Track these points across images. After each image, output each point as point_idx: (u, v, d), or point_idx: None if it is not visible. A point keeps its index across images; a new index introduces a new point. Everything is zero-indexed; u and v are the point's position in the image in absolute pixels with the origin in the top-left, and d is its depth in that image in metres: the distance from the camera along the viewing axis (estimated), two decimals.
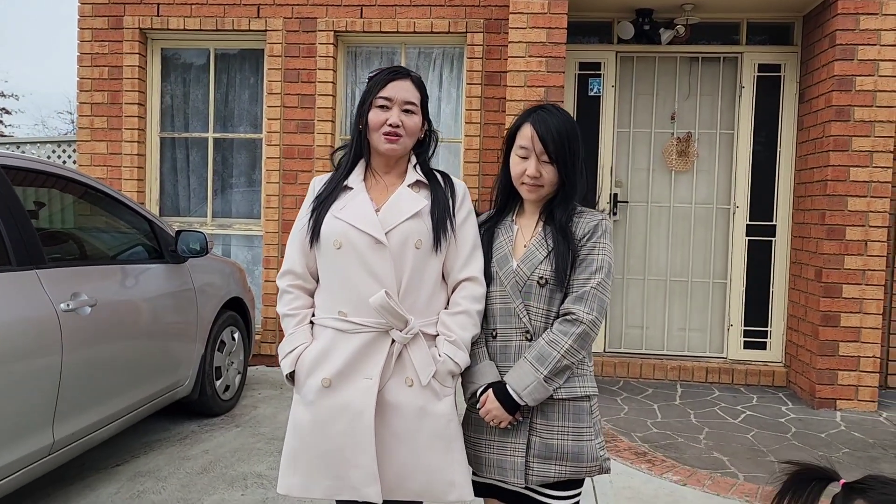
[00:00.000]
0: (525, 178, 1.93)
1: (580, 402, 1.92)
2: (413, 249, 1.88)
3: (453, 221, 1.95)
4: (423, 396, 1.88)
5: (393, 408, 1.87)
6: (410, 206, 1.91)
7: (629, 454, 3.88)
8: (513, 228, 2.01)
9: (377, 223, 1.87)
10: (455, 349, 1.90)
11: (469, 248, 1.97)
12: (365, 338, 1.86)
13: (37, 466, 2.85)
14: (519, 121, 1.98)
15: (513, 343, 1.93)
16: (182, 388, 4.07)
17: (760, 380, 5.35)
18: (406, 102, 1.93)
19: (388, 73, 1.94)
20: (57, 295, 2.93)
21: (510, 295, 1.93)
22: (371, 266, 1.86)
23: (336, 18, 5.68)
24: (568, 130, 1.92)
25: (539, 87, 4.83)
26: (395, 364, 1.88)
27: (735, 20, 5.47)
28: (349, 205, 1.92)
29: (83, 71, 5.94)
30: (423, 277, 1.91)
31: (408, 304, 1.88)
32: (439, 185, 1.99)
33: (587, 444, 1.91)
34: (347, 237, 1.87)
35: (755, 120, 5.45)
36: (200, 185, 6.16)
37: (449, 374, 1.91)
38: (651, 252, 5.64)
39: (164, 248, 3.95)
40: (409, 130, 1.94)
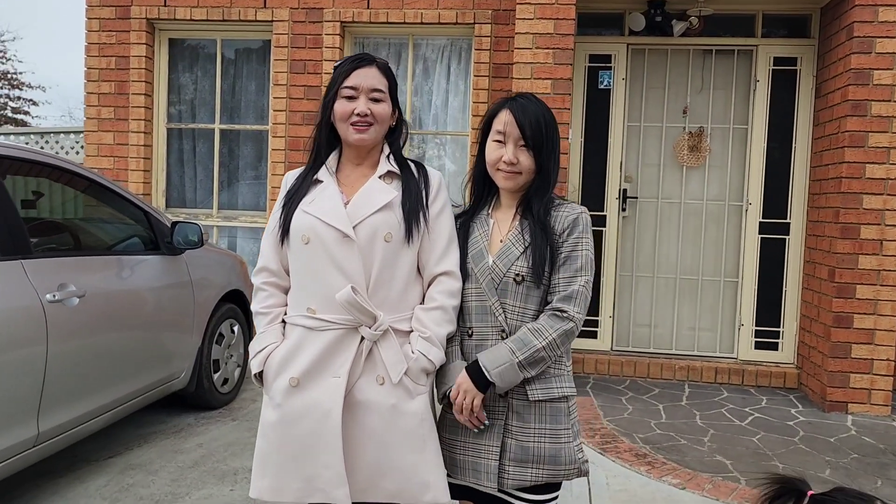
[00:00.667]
0: (501, 165, 1.86)
1: (557, 403, 1.85)
2: (382, 243, 1.81)
3: (426, 213, 1.88)
4: (395, 395, 1.81)
5: (364, 407, 1.81)
6: (380, 197, 1.84)
7: (629, 455, 3.79)
8: (489, 223, 1.93)
9: (345, 216, 1.81)
10: (429, 346, 1.83)
11: (445, 242, 1.90)
12: (333, 335, 1.80)
13: (21, 458, 2.83)
14: (496, 107, 1.91)
15: (488, 342, 1.86)
16: (178, 381, 4.04)
17: (771, 381, 5.22)
18: (373, 90, 1.86)
19: (352, 62, 1.87)
20: (42, 285, 2.90)
21: (486, 292, 1.85)
22: (339, 261, 1.80)
23: (343, 9, 5.61)
24: (546, 118, 1.86)
25: (546, 79, 4.73)
26: (366, 362, 1.82)
27: (750, 12, 5.32)
28: (318, 198, 1.86)
29: (90, 61, 5.94)
30: (395, 272, 1.84)
31: (378, 300, 1.82)
32: (412, 175, 1.92)
33: (565, 446, 1.84)
34: (315, 231, 1.82)
35: (770, 115, 5.30)
36: (207, 176, 6.13)
37: (422, 372, 1.84)
38: (661, 249, 5.51)
39: (160, 240, 3.92)
40: (378, 118, 1.87)
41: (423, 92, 5.82)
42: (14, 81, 21.45)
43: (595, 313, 5.52)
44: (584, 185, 5.47)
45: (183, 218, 5.91)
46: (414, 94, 5.81)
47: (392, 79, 1.93)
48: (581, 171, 5.46)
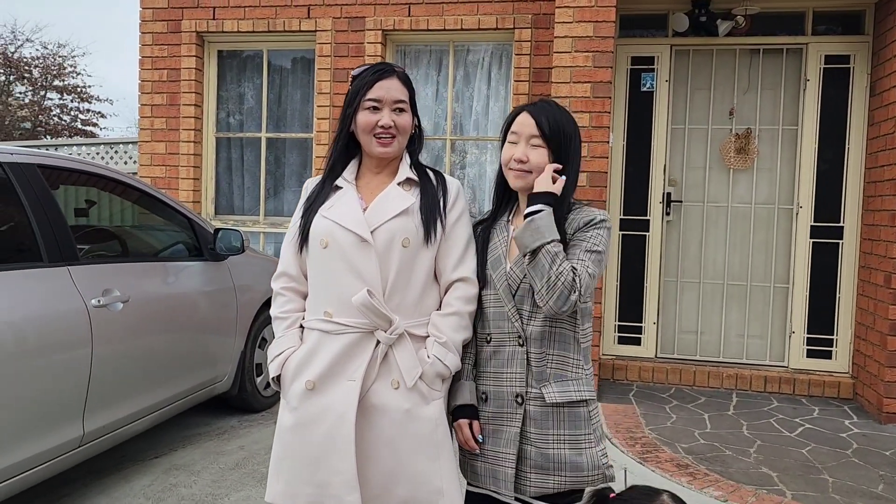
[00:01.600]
0: (511, 163, 1.85)
1: (576, 408, 1.82)
2: (400, 248, 1.82)
3: (444, 219, 1.89)
4: (410, 399, 1.82)
5: (378, 411, 1.82)
6: (398, 203, 1.86)
7: (670, 466, 3.70)
8: (508, 229, 1.93)
9: (363, 221, 1.83)
10: (445, 351, 1.84)
11: (462, 248, 1.90)
12: (349, 339, 1.82)
13: (66, 458, 2.93)
14: (515, 111, 1.92)
15: (506, 348, 1.85)
16: (221, 385, 4.13)
17: (824, 391, 5.03)
18: (396, 101, 1.88)
19: (375, 73, 1.88)
20: (88, 291, 3.01)
21: (503, 298, 1.85)
22: (356, 265, 1.81)
23: (384, 17, 5.67)
24: (564, 120, 1.85)
25: (586, 82, 4.68)
26: (381, 366, 1.82)
27: (800, 9, 5.16)
28: (337, 204, 1.88)
29: (144, 74, 6.15)
30: (411, 277, 1.85)
31: (394, 304, 1.83)
32: (430, 182, 1.93)
33: (586, 451, 1.82)
34: (333, 236, 1.84)
35: (821, 115, 5.12)
36: (254, 184, 6.27)
37: (437, 377, 1.84)
38: (707, 254, 5.39)
39: (204, 247, 4.02)
40: (401, 129, 1.89)
41: (464, 98, 5.84)
42: (83, 95, 22.36)
43: (639, 319, 5.43)
44: (627, 188, 5.39)
45: (231, 224, 6.07)
46: (455, 100, 5.83)
47: (412, 88, 1.95)
48: (623, 174, 5.38)
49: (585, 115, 4.63)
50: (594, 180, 4.63)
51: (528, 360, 1.82)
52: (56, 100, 22.19)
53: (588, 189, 4.61)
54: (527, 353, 1.82)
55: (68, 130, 22.16)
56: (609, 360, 5.32)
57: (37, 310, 2.75)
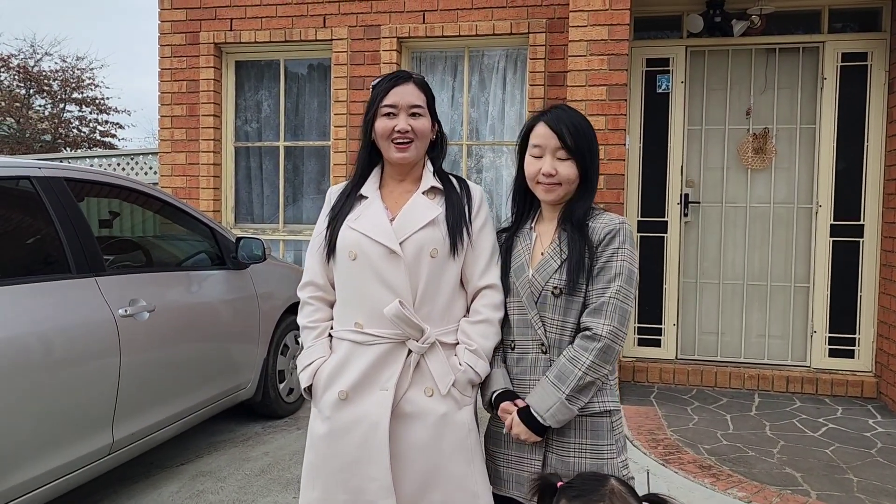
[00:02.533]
0: (540, 177, 1.86)
1: (599, 418, 1.83)
2: (428, 258, 1.85)
3: (470, 228, 1.91)
4: (444, 405, 1.85)
5: (412, 418, 1.84)
6: (425, 214, 1.88)
7: (693, 467, 3.70)
8: (531, 236, 1.94)
9: (391, 233, 1.85)
10: (476, 358, 1.86)
11: (488, 255, 1.93)
12: (381, 349, 1.84)
13: (97, 465, 2.99)
14: (531, 121, 1.93)
15: (529, 355, 1.87)
16: (244, 391, 4.18)
17: (848, 390, 5.00)
18: (412, 106, 1.90)
19: (390, 80, 1.92)
20: (115, 301, 3.07)
21: (526, 305, 1.87)
22: (385, 276, 1.84)
23: (399, 25, 5.72)
24: (584, 126, 1.86)
25: (601, 85, 4.69)
26: (414, 374, 1.85)
27: (815, 7, 5.14)
28: (364, 214, 1.90)
29: (163, 86, 6.24)
30: (440, 286, 1.88)
31: (424, 314, 1.85)
32: (454, 190, 1.95)
33: (608, 462, 1.82)
34: (362, 248, 1.86)
35: (839, 113, 5.10)
36: (273, 192, 6.34)
37: (469, 384, 1.88)
38: (726, 255, 5.37)
39: (226, 255, 4.08)
40: (419, 133, 1.91)
41: (480, 103, 5.87)
42: (102, 106, 22.64)
43: (658, 321, 5.42)
44: (644, 190, 5.39)
45: (251, 233, 6.14)
46: (471, 105, 5.86)
47: (430, 93, 1.96)
48: (640, 176, 5.39)
49: (601, 118, 4.64)
50: (611, 183, 4.63)
51: (550, 367, 1.83)
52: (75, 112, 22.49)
53: (605, 191, 4.62)
54: (550, 361, 1.84)
55: (88, 142, 22.44)
56: (629, 362, 5.31)
57: (66, 320, 2.81)
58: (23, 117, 20.44)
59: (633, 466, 3.65)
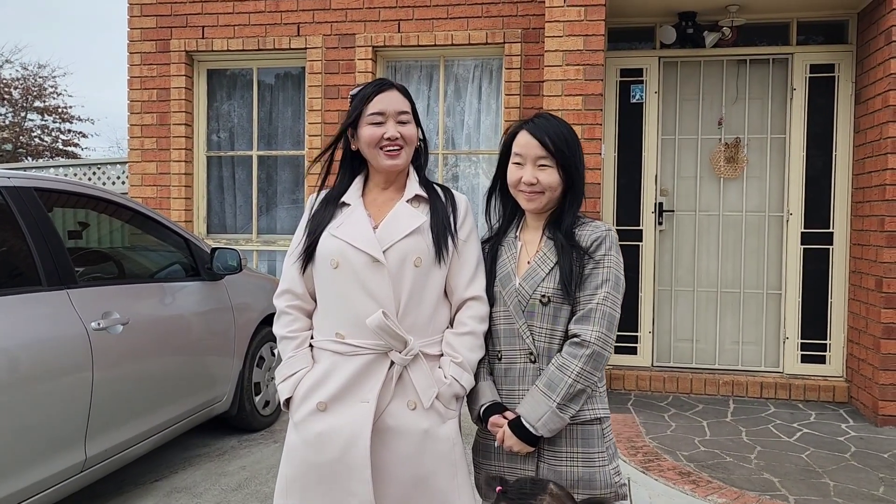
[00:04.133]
0: (522, 186, 1.86)
1: (590, 426, 1.82)
2: (412, 268, 1.81)
3: (455, 237, 1.88)
4: (427, 419, 1.81)
5: (395, 432, 1.80)
6: (409, 222, 1.84)
7: (672, 474, 3.71)
8: (516, 245, 1.93)
9: (375, 241, 1.81)
10: (461, 371, 1.83)
11: (473, 266, 1.90)
12: (363, 360, 1.80)
13: (69, 483, 2.90)
14: (513, 129, 1.91)
15: (517, 365, 1.85)
16: (220, 405, 4.10)
17: (820, 395, 5.08)
18: (399, 112, 1.87)
19: (375, 87, 1.89)
20: (87, 314, 2.98)
21: (513, 315, 1.85)
22: (369, 286, 1.79)
23: (374, 34, 5.70)
24: (566, 134, 1.85)
25: (577, 95, 4.72)
26: (396, 386, 1.81)
27: (784, 20, 5.25)
28: (346, 222, 1.86)
29: (133, 94, 6.13)
30: (424, 296, 1.84)
31: (407, 324, 1.81)
32: (439, 199, 1.92)
33: (600, 469, 1.81)
34: (345, 256, 1.81)
35: (808, 123, 5.20)
36: (246, 202, 6.26)
37: (453, 397, 1.84)
38: (700, 262, 5.43)
39: (201, 266, 4.00)
40: (407, 140, 1.88)
41: (456, 112, 5.87)
42: (64, 115, 22.21)
43: (634, 328, 5.46)
44: (619, 199, 5.44)
45: (224, 243, 6.04)
46: (446, 114, 5.86)
47: (412, 101, 1.94)
48: (615, 185, 5.43)
49: (578, 128, 4.66)
50: (587, 191, 4.66)
51: (539, 376, 1.82)
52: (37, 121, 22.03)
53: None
54: (539, 370, 1.82)
55: (50, 151, 21.99)
56: (607, 370, 5.30)
57: (37, 334, 2.73)
58: None
59: None
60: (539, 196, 1.86)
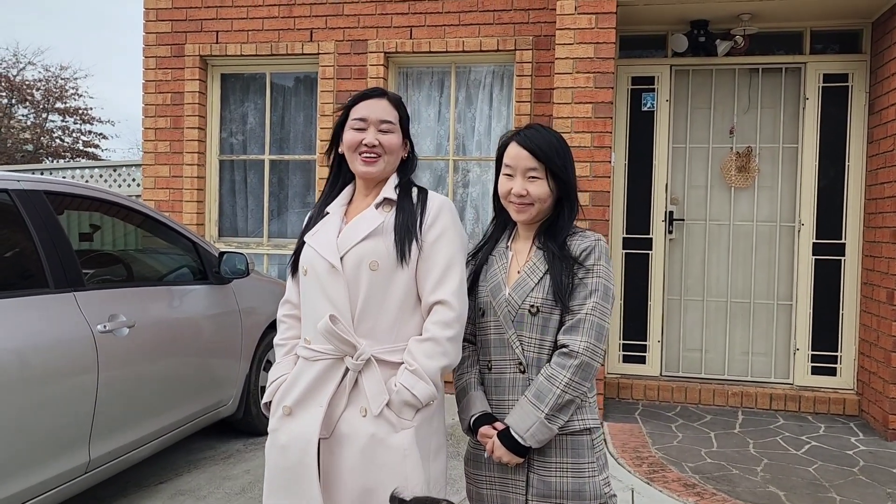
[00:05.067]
0: (512, 197, 1.86)
1: (579, 437, 1.82)
2: (367, 271, 1.80)
3: (418, 238, 1.83)
4: (376, 426, 1.78)
5: (346, 438, 1.80)
6: (366, 225, 1.84)
7: (677, 486, 3.69)
8: (507, 255, 1.93)
9: (334, 247, 1.83)
10: (415, 380, 1.77)
11: (440, 269, 1.83)
12: (322, 365, 1.82)
13: (73, 484, 2.93)
14: (504, 140, 1.92)
15: (507, 375, 1.85)
16: (226, 408, 4.13)
17: (830, 408, 5.02)
18: (382, 121, 1.88)
19: (362, 95, 1.92)
20: (94, 316, 3.02)
21: (503, 325, 1.85)
22: (328, 291, 1.82)
23: (386, 40, 5.72)
24: (557, 145, 1.85)
25: (587, 103, 4.71)
26: (353, 393, 1.81)
27: (797, 29, 5.21)
28: (320, 230, 1.89)
29: (148, 98, 6.19)
30: (384, 301, 1.81)
31: (364, 330, 1.80)
32: (410, 201, 1.88)
33: (589, 480, 1.81)
34: (311, 263, 1.86)
35: (821, 133, 5.16)
36: (257, 206, 6.30)
37: (406, 406, 1.78)
38: (710, 272, 5.40)
39: (209, 270, 4.03)
40: (387, 148, 1.88)
41: (467, 118, 5.88)
42: (85, 117, 22.47)
43: (643, 338, 5.43)
44: (629, 207, 5.41)
45: (235, 247, 6.09)
46: (457, 120, 5.87)
47: (403, 111, 1.94)
48: (625, 194, 5.41)
49: (587, 136, 4.66)
50: (597, 200, 4.65)
51: (529, 387, 1.82)
52: (58, 122, 22.30)
53: (591, 208, 4.63)
54: (528, 381, 1.82)
55: (70, 152, 22.25)
56: (614, 379, 5.31)
57: (43, 336, 2.76)
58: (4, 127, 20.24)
59: (617, 485, 3.63)
60: (528, 208, 1.86)
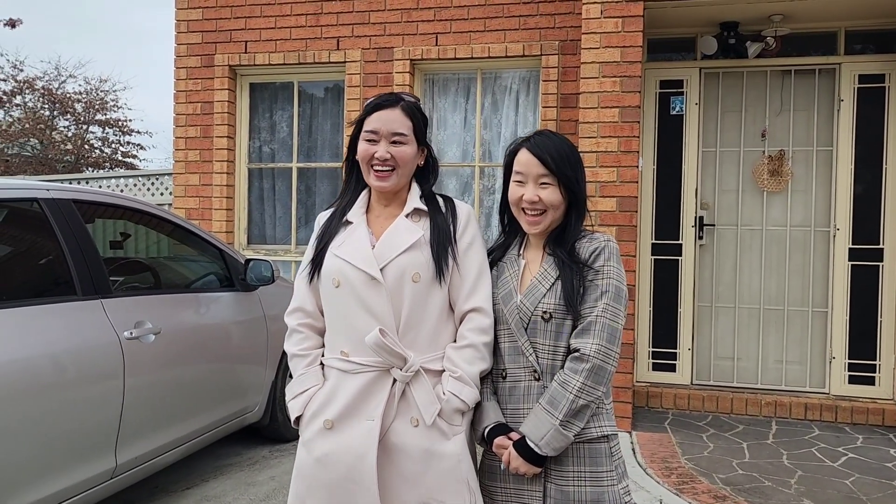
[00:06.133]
0: (524, 205, 1.83)
1: (597, 444, 1.78)
2: (410, 283, 1.80)
3: (455, 249, 1.85)
4: (430, 437, 1.79)
5: (399, 449, 1.79)
6: (406, 238, 1.83)
7: (707, 497, 3.60)
8: (519, 263, 1.90)
9: (372, 259, 1.81)
10: (461, 385, 1.80)
11: (474, 277, 1.85)
12: (366, 378, 1.80)
13: (100, 489, 2.96)
14: (514, 147, 1.90)
15: (521, 383, 1.82)
16: (252, 415, 4.15)
17: (868, 418, 4.87)
18: (394, 134, 1.84)
19: (374, 104, 1.88)
20: (121, 323, 3.06)
21: (515, 332, 1.82)
22: (368, 304, 1.80)
23: (412, 47, 5.74)
24: (567, 151, 1.83)
25: (613, 107, 4.65)
26: (400, 403, 1.80)
27: (831, 29, 5.09)
28: (347, 241, 1.87)
29: (178, 107, 6.29)
30: (425, 311, 1.82)
31: (408, 341, 1.80)
32: (440, 211, 1.89)
33: (608, 489, 1.77)
34: (344, 275, 1.82)
35: (856, 135, 5.03)
36: (285, 213, 6.35)
37: (456, 412, 1.80)
38: (742, 278, 5.29)
39: (235, 277, 4.07)
40: (400, 161, 1.85)
41: (493, 124, 5.86)
42: (124, 128, 22.94)
43: (673, 346, 5.33)
44: (658, 213, 5.33)
45: (263, 254, 6.14)
46: (483, 126, 5.85)
47: (417, 119, 1.90)
48: (654, 199, 5.33)
49: (614, 140, 4.60)
50: (624, 205, 4.58)
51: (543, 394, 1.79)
52: (98, 133, 22.79)
53: (618, 214, 4.57)
54: (543, 388, 1.79)
55: (110, 163, 22.72)
56: (643, 388, 5.22)
57: (71, 343, 2.80)
58: (46, 138, 20.76)
59: (645, 496, 3.56)
60: (542, 218, 1.84)
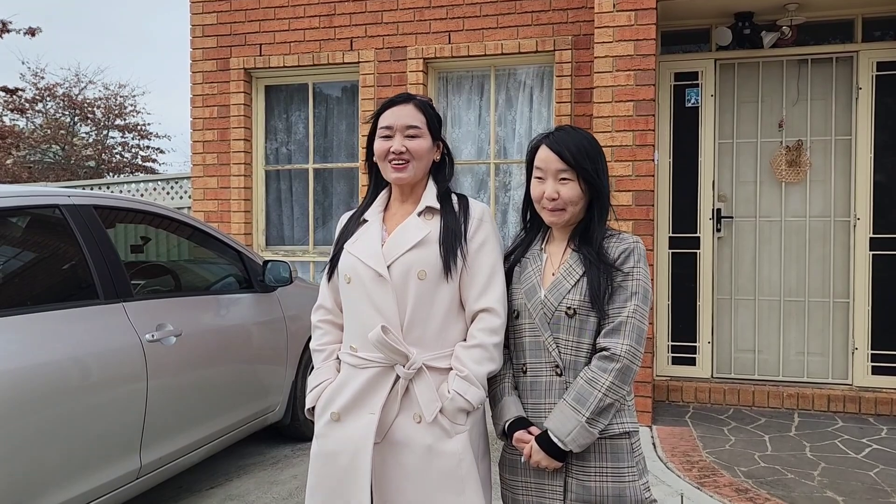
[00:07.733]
0: (544, 202, 1.84)
1: (619, 440, 1.79)
2: (416, 280, 1.82)
3: (464, 248, 1.86)
4: (432, 434, 1.81)
5: (401, 445, 1.83)
6: (413, 235, 1.86)
7: (729, 490, 3.59)
8: (542, 257, 1.91)
9: (380, 256, 1.85)
10: (467, 385, 1.80)
11: (485, 277, 1.87)
12: (371, 373, 1.84)
13: (124, 490, 3.01)
14: (535, 143, 1.90)
15: (542, 379, 1.83)
16: (273, 414, 4.19)
17: (892, 409, 4.81)
18: (408, 127, 1.89)
19: (388, 102, 1.94)
20: (142, 326, 3.10)
21: (539, 327, 1.83)
22: (375, 300, 1.84)
23: (425, 46, 5.75)
24: (587, 146, 1.83)
25: (628, 101, 4.64)
26: (404, 399, 1.83)
27: (848, 17, 5.03)
28: (360, 238, 1.92)
29: (195, 111, 6.36)
30: (432, 309, 1.84)
31: (413, 338, 1.83)
32: (452, 209, 1.91)
33: (630, 485, 1.78)
34: (355, 271, 1.88)
35: (875, 123, 4.96)
36: (303, 214, 6.40)
37: (459, 412, 1.81)
38: (762, 270, 5.24)
39: (253, 278, 4.11)
40: (415, 154, 1.89)
41: (507, 121, 5.86)
42: (143, 132, 23.20)
43: (693, 339, 5.31)
44: (675, 205, 5.31)
45: (282, 255, 6.19)
46: (498, 123, 5.86)
47: (430, 115, 1.94)
48: (671, 192, 5.30)
49: (629, 134, 4.59)
50: (640, 199, 4.56)
51: (566, 390, 1.80)
52: (118, 138, 23.06)
53: (635, 208, 4.55)
54: (565, 384, 1.80)
55: (130, 167, 22.99)
56: (663, 382, 5.20)
57: (93, 346, 2.85)
58: (68, 144, 21.05)
59: (665, 490, 3.56)
60: (562, 213, 1.84)
